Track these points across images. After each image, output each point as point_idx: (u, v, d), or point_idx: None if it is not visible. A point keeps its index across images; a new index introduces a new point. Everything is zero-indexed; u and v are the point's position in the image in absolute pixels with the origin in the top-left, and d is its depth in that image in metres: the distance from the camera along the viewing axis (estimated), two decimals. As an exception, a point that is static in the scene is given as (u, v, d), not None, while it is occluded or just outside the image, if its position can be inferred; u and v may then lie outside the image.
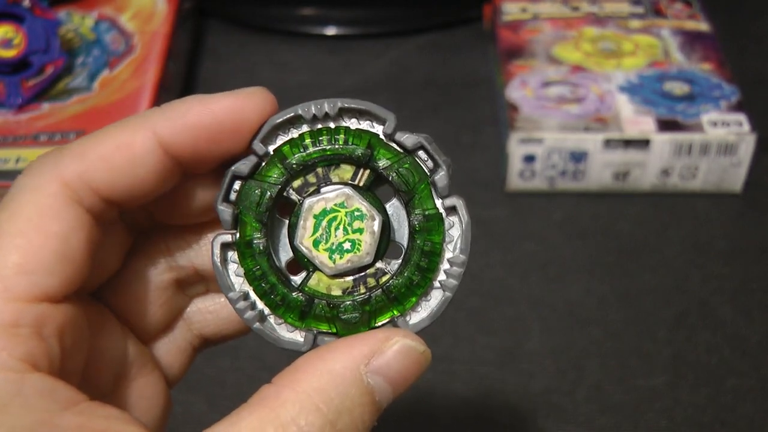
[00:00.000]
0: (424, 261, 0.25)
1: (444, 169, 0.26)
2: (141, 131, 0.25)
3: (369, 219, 0.25)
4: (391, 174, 0.25)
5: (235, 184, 0.26)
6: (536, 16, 0.71)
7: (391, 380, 0.24)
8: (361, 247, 0.25)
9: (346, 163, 0.26)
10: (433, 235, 0.26)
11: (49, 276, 0.24)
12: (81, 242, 0.24)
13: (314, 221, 0.25)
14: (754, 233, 0.60)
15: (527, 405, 0.50)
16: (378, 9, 0.77)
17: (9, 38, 0.61)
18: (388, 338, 0.24)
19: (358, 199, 0.25)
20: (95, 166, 0.24)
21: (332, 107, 0.25)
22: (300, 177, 0.26)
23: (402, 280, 0.25)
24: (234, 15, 0.77)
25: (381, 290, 0.25)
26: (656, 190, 0.62)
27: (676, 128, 0.60)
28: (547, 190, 0.62)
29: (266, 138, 0.26)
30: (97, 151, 0.25)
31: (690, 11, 0.71)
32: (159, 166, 0.25)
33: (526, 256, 0.58)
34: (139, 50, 0.66)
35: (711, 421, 0.49)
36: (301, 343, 0.26)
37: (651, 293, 0.56)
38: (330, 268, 0.26)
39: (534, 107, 0.62)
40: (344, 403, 0.23)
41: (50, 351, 0.23)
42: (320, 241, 0.25)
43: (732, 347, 0.53)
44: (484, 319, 0.54)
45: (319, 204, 0.25)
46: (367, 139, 0.25)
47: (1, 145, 0.58)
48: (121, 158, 0.25)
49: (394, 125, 0.25)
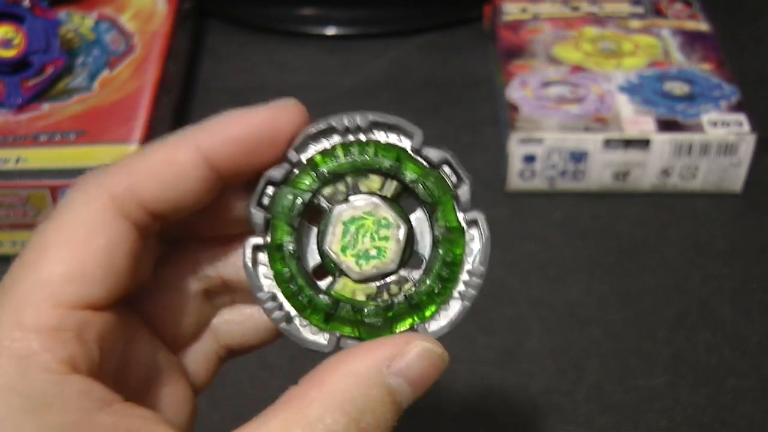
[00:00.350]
0: (445, 271, 0.27)
1: (467, 184, 0.27)
2: (185, 146, 0.26)
3: (395, 228, 0.26)
4: (417, 187, 0.27)
5: (268, 190, 0.27)
6: (536, 16, 0.71)
7: (411, 381, 0.25)
8: (387, 255, 0.27)
9: (375, 174, 0.27)
10: (454, 246, 0.27)
11: (93, 286, 0.25)
12: (125, 255, 0.26)
13: (343, 228, 0.27)
14: (754, 233, 0.60)
15: (527, 405, 0.50)
16: (378, 9, 0.77)
17: (9, 38, 0.61)
18: (408, 342, 0.25)
19: (385, 209, 0.27)
20: (142, 179, 0.26)
21: (364, 120, 0.27)
22: (330, 185, 0.27)
23: (423, 288, 0.27)
24: (234, 15, 0.77)
25: (403, 297, 0.27)
26: (656, 190, 0.62)
27: (676, 128, 0.60)
28: (547, 190, 0.62)
29: (299, 147, 0.27)
30: (145, 166, 0.26)
31: (690, 11, 0.71)
32: (202, 179, 0.26)
33: (526, 256, 0.58)
34: (139, 50, 0.66)
35: (711, 421, 0.49)
36: (325, 344, 0.27)
37: (651, 293, 0.56)
38: (356, 274, 0.27)
39: (534, 107, 0.62)
40: (367, 403, 0.24)
41: (90, 355, 0.25)
42: (348, 247, 0.27)
43: (732, 347, 0.53)
44: (484, 319, 0.54)
45: (348, 212, 0.27)
46: (395, 152, 0.27)
47: (1, 145, 0.58)
48: (168, 172, 0.26)
49: (421, 140, 0.27)
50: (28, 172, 0.55)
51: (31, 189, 0.55)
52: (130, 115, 0.60)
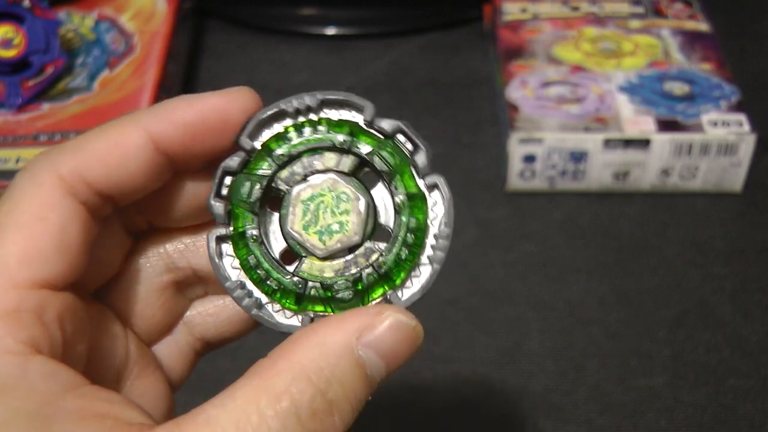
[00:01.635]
0: (410, 237, 0.26)
1: (423, 149, 0.26)
2: (133, 129, 0.26)
3: (354, 200, 0.26)
4: (373, 158, 0.26)
5: (226, 180, 0.27)
6: (536, 16, 0.71)
7: (383, 355, 0.25)
8: (349, 227, 0.26)
9: (330, 152, 0.27)
10: (416, 212, 0.27)
11: (49, 264, 0.25)
12: (77, 233, 0.25)
13: (303, 207, 0.26)
14: (754, 233, 0.60)
15: (527, 405, 0.50)
16: (378, 9, 0.77)
17: (9, 38, 0.61)
18: (379, 313, 0.25)
19: (343, 183, 0.26)
20: (90, 161, 0.26)
21: (313, 100, 0.27)
22: (287, 168, 0.27)
23: (391, 256, 0.26)
24: (234, 15, 0.77)
25: (371, 268, 0.26)
26: (656, 190, 0.62)
27: (676, 128, 0.60)
28: (547, 190, 0.62)
29: (252, 134, 0.27)
30: (92, 147, 0.26)
31: (690, 11, 0.71)
32: (150, 161, 0.26)
33: (526, 256, 0.58)
34: (139, 50, 0.66)
35: (711, 421, 0.49)
36: (299, 326, 0.27)
37: (651, 293, 0.56)
38: (321, 250, 0.26)
39: (534, 107, 0.62)
40: (335, 374, 0.24)
41: (51, 336, 0.24)
42: (309, 225, 0.26)
43: (732, 347, 0.53)
44: (484, 319, 0.54)
45: (306, 191, 0.26)
46: (347, 127, 0.27)
47: (1, 145, 0.58)
48: (115, 154, 0.26)
49: (372, 113, 0.27)
50: (28, 172, 0.55)
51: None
52: (130, 115, 0.60)
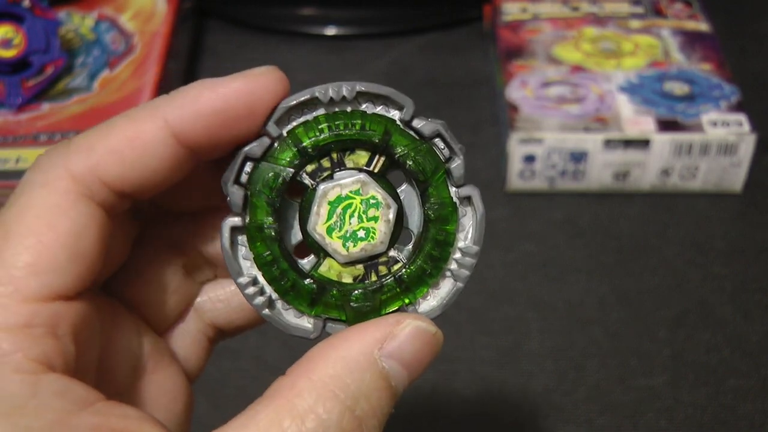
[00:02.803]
0: (437, 251, 0.25)
1: (460, 157, 0.25)
2: (151, 121, 0.24)
3: (384, 207, 0.25)
4: (407, 162, 0.25)
5: (247, 166, 0.25)
6: (536, 16, 0.71)
7: (405, 363, 0.24)
8: (376, 236, 0.25)
9: (362, 149, 0.25)
10: (446, 224, 0.25)
11: (61, 275, 0.23)
12: (93, 238, 0.24)
13: (329, 208, 0.25)
14: (754, 233, 0.60)
15: (527, 405, 0.50)
16: (378, 9, 0.77)
17: (9, 38, 0.61)
18: (399, 322, 0.24)
19: (373, 187, 0.25)
20: (105, 159, 0.24)
21: (350, 91, 0.25)
22: (314, 161, 0.25)
23: (414, 269, 0.25)
24: (234, 15, 0.77)
25: (393, 279, 0.25)
26: (656, 190, 0.62)
27: (676, 128, 0.60)
28: (547, 190, 0.62)
29: (280, 120, 0.25)
30: (107, 143, 0.24)
31: (690, 11, 0.71)
32: (171, 155, 0.24)
33: (526, 256, 0.58)
34: (139, 50, 0.66)
35: (711, 421, 0.49)
36: (310, 329, 0.25)
37: (651, 293, 0.56)
38: (343, 256, 0.25)
39: (534, 107, 0.62)
40: (360, 389, 0.23)
41: (65, 350, 0.23)
42: (334, 228, 0.25)
43: (732, 347, 0.53)
44: (485, 319, 0.54)
45: (334, 190, 0.25)
46: (383, 124, 0.25)
47: (1, 145, 0.58)
48: (132, 150, 0.24)
49: (411, 111, 0.25)
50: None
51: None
52: (130, 115, 0.60)
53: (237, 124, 0.24)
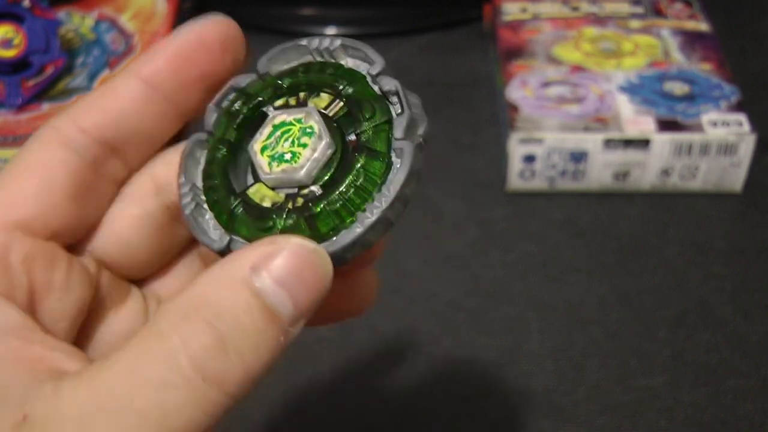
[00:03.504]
0: (354, 193, 0.25)
1: (406, 115, 0.25)
2: (125, 75, 0.26)
3: (317, 137, 0.25)
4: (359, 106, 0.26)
5: (232, 96, 0.27)
6: (536, 16, 0.71)
7: (283, 283, 0.22)
8: (298, 160, 0.25)
9: (326, 93, 0.26)
10: (373, 172, 0.25)
11: (24, 206, 0.24)
12: (65, 178, 0.25)
13: (271, 130, 0.26)
14: (754, 233, 0.60)
15: (527, 405, 0.50)
16: (378, 9, 0.77)
17: (9, 38, 0.61)
18: (273, 242, 0.23)
19: (316, 120, 0.25)
20: (85, 110, 0.26)
21: (333, 43, 0.27)
22: (284, 98, 0.26)
23: (325, 205, 0.25)
24: (234, 15, 0.77)
25: (305, 213, 0.25)
26: (656, 190, 0.62)
27: (676, 128, 0.60)
28: (547, 190, 0.62)
29: (271, 60, 0.27)
30: (88, 99, 0.26)
31: (690, 11, 0.71)
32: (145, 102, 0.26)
33: (526, 256, 0.58)
34: (139, 50, 0.66)
35: (711, 421, 0.49)
36: (215, 240, 0.25)
37: (651, 293, 0.56)
38: (265, 174, 0.25)
39: (534, 107, 0.62)
40: (226, 307, 0.22)
41: (12, 278, 0.24)
42: (267, 147, 0.26)
43: (732, 347, 0.53)
44: (484, 320, 0.54)
45: (281, 116, 0.26)
46: (352, 75, 0.26)
47: (1, 145, 0.58)
48: (109, 98, 0.26)
49: (380, 68, 0.26)
50: (28, 172, 0.55)
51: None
52: (130, 115, 0.60)
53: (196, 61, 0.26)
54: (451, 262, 0.58)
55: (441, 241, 0.59)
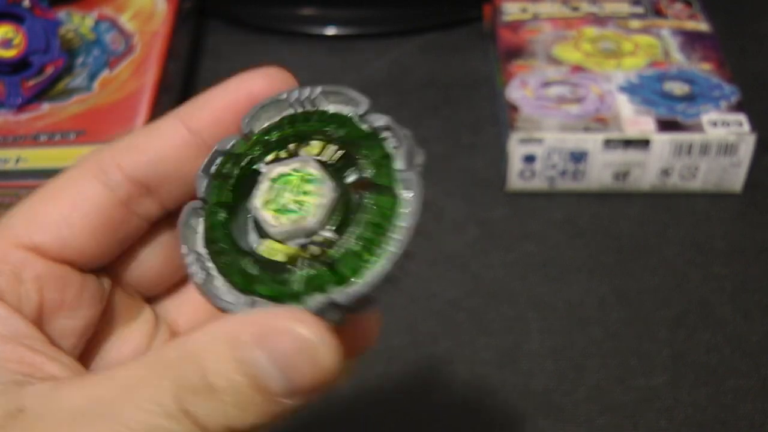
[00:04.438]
0: (370, 232, 0.25)
1: (405, 146, 0.25)
2: (170, 119, 0.27)
3: (319, 183, 0.25)
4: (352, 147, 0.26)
5: (218, 161, 0.27)
6: (536, 16, 0.71)
7: (278, 365, 0.22)
8: (306, 209, 0.25)
9: (316, 140, 0.26)
10: (384, 208, 0.25)
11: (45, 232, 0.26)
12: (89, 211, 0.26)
13: (270, 185, 0.26)
14: (754, 233, 0.60)
15: (527, 405, 0.50)
16: (378, 9, 0.77)
17: (9, 38, 0.61)
18: (280, 316, 0.22)
19: (313, 166, 0.25)
20: (126, 148, 0.27)
21: (312, 91, 0.27)
22: (273, 152, 0.27)
23: (345, 250, 0.24)
24: (234, 15, 0.77)
25: (323, 259, 0.25)
26: (656, 190, 0.62)
27: (676, 128, 0.60)
28: (547, 190, 0.62)
29: (252, 118, 0.27)
30: (131, 138, 0.27)
31: (690, 11, 0.71)
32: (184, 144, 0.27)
33: (526, 256, 0.58)
34: (139, 50, 0.66)
35: (711, 421, 0.49)
36: (236, 303, 0.25)
37: (651, 293, 0.56)
38: (273, 228, 0.25)
39: (534, 107, 0.62)
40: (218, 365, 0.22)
41: (23, 293, 0.25)
42: (269, 202, 0.26)
43: (732, 347, 0.53)
44: (484, 320, 0.54)
45: (276, 169, 0.26)
46: (339, 118, 0.27)
47: (1, 145, 0.58)
48: (148, 139, 0.27)
49: (366, 108, 0.26)
50: (28, 172, 0.55)
51: (31, 189, 0.55)
52: (130, 115, 0.60)
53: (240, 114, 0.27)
54: (451, 262, 0.58)
55: (441, 241, 0.59)
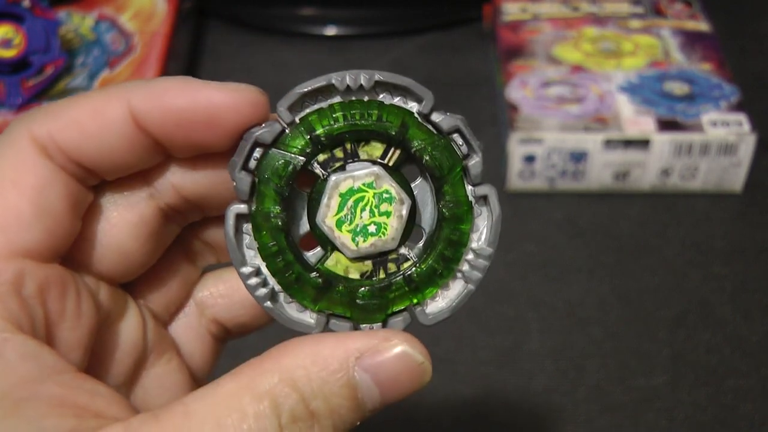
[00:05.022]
0: (450, 251, 0.24)
1: (479, 155, 0.24)
2: (116, 100, 0.24)
3: (398, 202, 0.24)
4: (424, 156, 0.24)
5: (256, 152, 0.24)
6: (536, 16, 0.71)
7: (380, 383, 0.23)
8: (387, 232, 0.24)
9: (377, 141, 0.24)
10: (461, 224, 0.24)
11: (28, 231, 0.23)
12: (58, 196, 0.23)
13: (339, 200, 0.24)
14: (754, 233, 0.60)
15: (527, 405, 0.50)
16: (378, 9, 0.77)
17: (9, 38, 0.61)
18: (387, 339, 0.23)
19: (387, 180, 0.24)
20: (65, 126, 0.24)
21: (368, 80, 0.24)
22: (327, 151, 0.24)
23: (424, 268, 0.24)
24: (234, 15, 0.77)
25: (402, 277, 0.24)
26: (656, 190, 0.62)
27: (676, 128, 0.60)
28: (547, 190, 0.62)
29: (293, 106, 0.24)
30: (69, 112, 0.24)
31: (690, 11, 0.71)
32: (131, 137, 0.24)
33: (526, 256, 0.58)
34: (139, 50, 0.66)
35: (711, 421, 0.49)
36: (313, 325, 0.24)
37: (651, 293, 0.56)
38: (351, 251, 0.24)
39: (534, 107, 0.62)
40: (323, 388, 0.22)
41: (31, 312, 0.22)
42: (344, 221, 0.24)
43: (732, 347, 0.53)
44: (485, 319, 0.54)
45: (346, 182, 0.24)
46: (401, 116, 0.24)
47: (1, 145, 0.58)
48: (92, 122, 0.24)
49: (431, 105, 0.24)
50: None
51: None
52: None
53: (199, 129, 0.24)
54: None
55: (441, 241, 0.59)
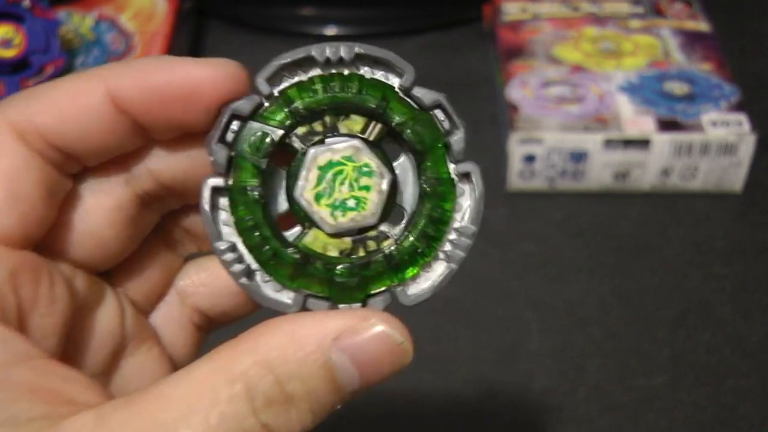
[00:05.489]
0: (431, 228, 0.24)
1: (461, 131, 0.24)
2: (93, 84, 0.23)
3: (378, 176, 0.23)
4: (405, 131, 0.23)
5: (234, 125, 0.23)
6: (536, 16, 0.71)
7: (358, 364, 0.22)
8: (367, 206, 0.23)
9: (358, 114, 0.24)
10: (443, 201, 0.24)
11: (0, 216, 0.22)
12: (33, 182, 0.23)
13: (318, 173, 0.23)
14: (754, 233, 0.60)
15: (527, 405, 0.50)
16: (378, 9, 0.77)
17: (9, 38, 0.61)
18: (366, 318, 0.22)
19: (367, 154, 0.23)
20: (43, 110, 0.23)
21: (348, 52, 0.23)
22: (306, 124, 0.23)
23: (405, 246, 0.24)
24: (234, 15, 0.77)
25: (382, 255, 0.24)
26: (656, 190, 0.62)
27: (676, 128, 0.60)
28: (547, 190, 0.62)
29: (272, 77, 0.24)
30: (47, 97, 0.23)
31: (690, 11, 0.71)
32: (110, 118, 0.24)
33: (525, 256, 0.58)
34: (139, 50, 0.66)
35: (711, 421, 0.49)
36: (289, 303, 0.23)
37: (651, 293, 0.56)
38: (330, 226, 0.23)
39: (534, 107, 0.62)
40: (299, 370, 0.21)
41: (2, 298, 0.22)
42: (323, 195, 0.23)
43: (732, 347, 0.53)
44: (484, 319, 0.54)
45: (325, 155, 0.23)
46: (382, 90, 0.24)
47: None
48: (70, 106, 0.23)
49: (412, 79, 0.24)
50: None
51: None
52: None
53: (177, 106, 0.23)
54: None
55: (441, 241, 0.59)
